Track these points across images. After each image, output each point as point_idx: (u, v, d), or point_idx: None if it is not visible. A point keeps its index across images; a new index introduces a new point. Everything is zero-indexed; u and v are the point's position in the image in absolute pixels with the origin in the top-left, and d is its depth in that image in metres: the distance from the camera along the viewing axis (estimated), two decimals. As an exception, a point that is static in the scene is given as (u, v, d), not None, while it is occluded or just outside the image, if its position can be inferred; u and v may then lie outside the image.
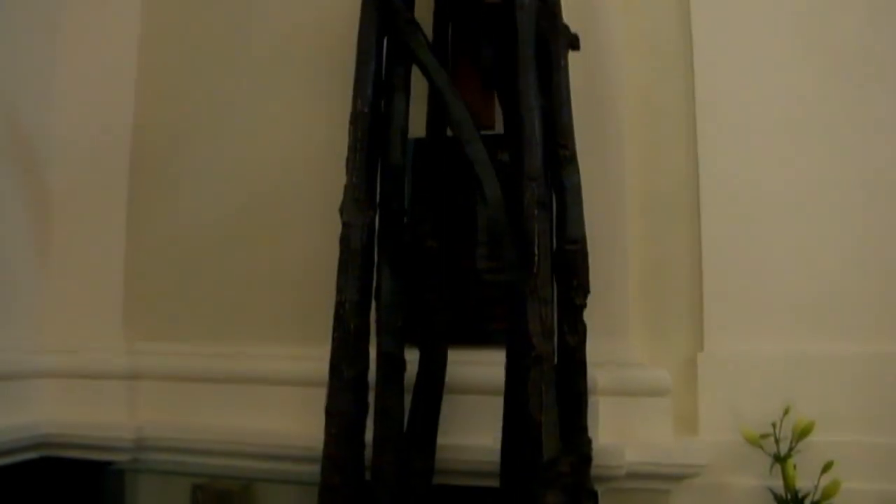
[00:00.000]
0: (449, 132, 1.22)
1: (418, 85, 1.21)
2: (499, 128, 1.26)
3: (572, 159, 1.16)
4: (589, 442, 1.14)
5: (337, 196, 1.16)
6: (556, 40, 1.19)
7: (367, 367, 1.14)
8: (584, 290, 1.14)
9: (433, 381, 1.22)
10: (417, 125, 1.25)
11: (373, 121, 1.17)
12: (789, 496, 1.17)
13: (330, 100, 1.31)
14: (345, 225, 1.15)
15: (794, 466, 1.17)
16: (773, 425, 1.19)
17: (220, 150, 1.45)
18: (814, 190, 1.29)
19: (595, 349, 1.15)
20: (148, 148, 1.47)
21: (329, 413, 1.12)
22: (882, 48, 1.29)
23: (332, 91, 1.30)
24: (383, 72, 1.19)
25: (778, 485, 1.18)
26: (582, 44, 1.23)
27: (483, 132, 1.17)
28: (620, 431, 1.22)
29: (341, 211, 1.15)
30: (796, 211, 1.28)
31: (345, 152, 1.17)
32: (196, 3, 1.50)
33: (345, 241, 1.15)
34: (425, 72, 1.17)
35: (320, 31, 1.40)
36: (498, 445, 1.14)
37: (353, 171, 1.16)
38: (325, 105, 1.37)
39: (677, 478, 1.20)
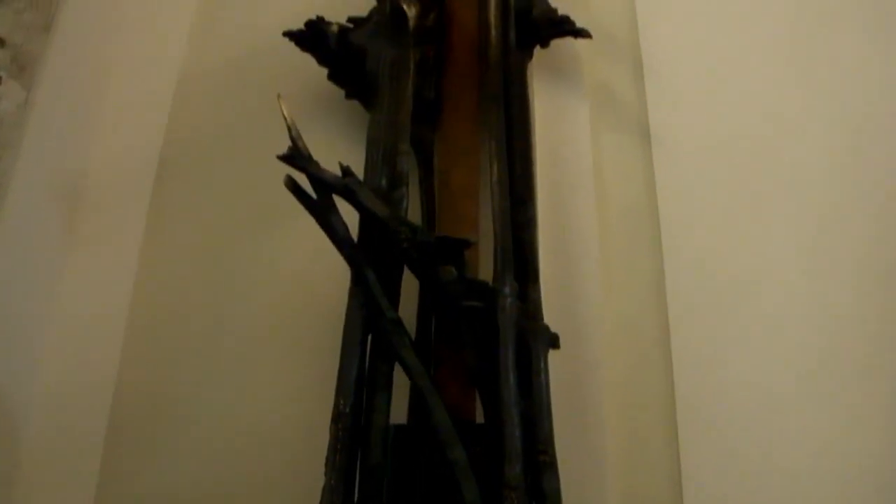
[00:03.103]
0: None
1: (401, 373, 1.22)
2: (479, 414, 1.25)
3: (552, 465, 1.15)
4: None
5: (312, 476, 1.14)
6: (536, 342, 1.21)
7: None
8: None
9: None
10: (399, 409, 1.25)
11: (354, 420, 1.17)
12: None
13: (311, 384, 1.31)
14: (321, 531, 1.12)
15: None
16: None
17: (197, 423, 1.43)
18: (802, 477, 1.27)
19: None
20: (126, 415, 1.45)
21: None
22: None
23: (312, 375, 1.32)
24: (366, 368, 1.21)
25: None
26: (562, 341, 1.25)
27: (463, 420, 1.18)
28: None
29: (318, 514, 1.12)
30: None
31: (320, 435, 1.16)
32: (186, 278, 1.54)
33: (320, 547, 1.11)
34: (408, 373, 1.19)
35: (305, 317, 1.43)
36: None
37: (333, 473, 1.14)
38: (304, 387, 1.37)
39: None
